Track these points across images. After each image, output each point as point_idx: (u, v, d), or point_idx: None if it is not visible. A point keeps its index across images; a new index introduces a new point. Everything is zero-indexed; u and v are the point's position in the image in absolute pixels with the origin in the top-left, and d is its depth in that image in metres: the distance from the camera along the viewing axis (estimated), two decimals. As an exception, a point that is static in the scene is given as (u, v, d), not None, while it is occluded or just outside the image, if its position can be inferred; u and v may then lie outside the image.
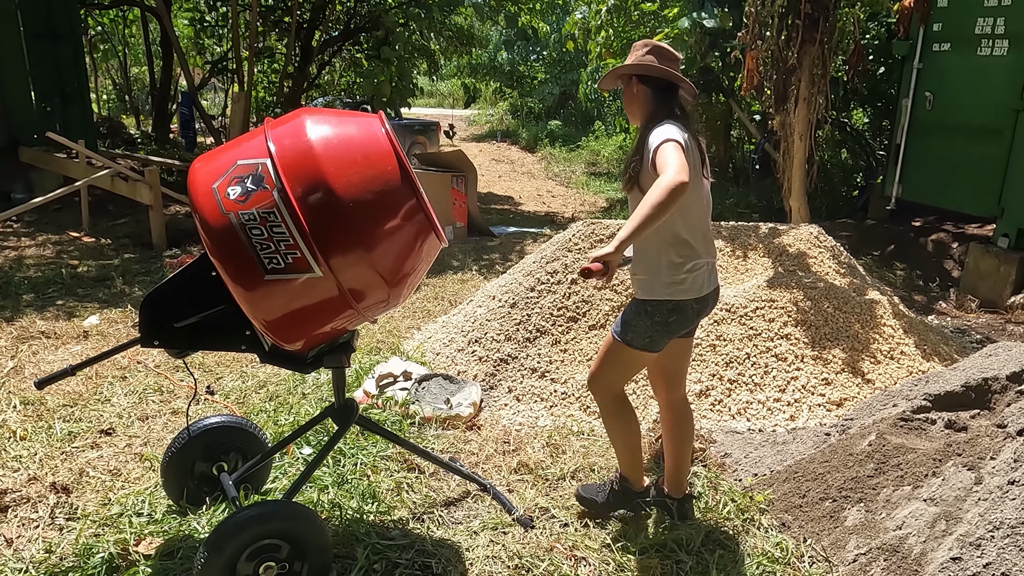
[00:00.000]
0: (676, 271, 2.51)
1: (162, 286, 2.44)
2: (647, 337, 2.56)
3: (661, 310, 2.53)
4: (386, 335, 4.99)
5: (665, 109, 2.51)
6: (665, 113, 2.50)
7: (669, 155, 2.25)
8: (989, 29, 6.17)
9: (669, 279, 2.51)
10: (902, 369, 3.98)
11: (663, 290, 2.52)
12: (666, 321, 2.54)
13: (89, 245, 7.25)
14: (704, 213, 2.61)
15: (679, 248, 2.51)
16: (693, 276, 2.53)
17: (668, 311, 2.53)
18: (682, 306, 2.54)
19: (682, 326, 2.59)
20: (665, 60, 2.54)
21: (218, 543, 2.20)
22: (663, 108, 2.52)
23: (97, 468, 3.17)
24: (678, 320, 2.56)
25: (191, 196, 2.20)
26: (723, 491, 3.05)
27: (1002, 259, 6.06)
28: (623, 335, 2.59)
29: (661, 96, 2.54)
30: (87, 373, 4.10)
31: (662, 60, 2.53)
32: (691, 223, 2.53)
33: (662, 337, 2.57)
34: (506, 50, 21.02)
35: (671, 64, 2.55)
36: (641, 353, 2.60)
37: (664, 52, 2.56)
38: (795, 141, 6.18)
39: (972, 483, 2.54)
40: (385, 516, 2.85)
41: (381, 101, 10.33)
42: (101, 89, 19.27)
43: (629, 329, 2.58)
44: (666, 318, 2.53)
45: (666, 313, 2.53)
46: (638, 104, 2.59)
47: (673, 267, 2.51)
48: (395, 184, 2.22)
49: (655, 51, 2.55)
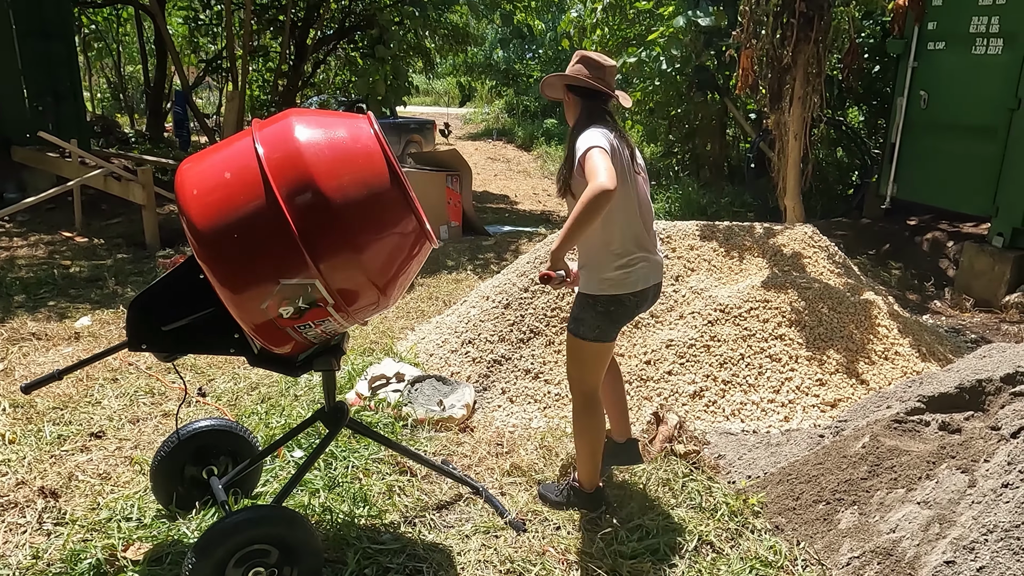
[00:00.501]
0: (611, 268, 2.64)
1: (150, 289, 2.42)
2: (596, 328, 2.70)
3: (601, 302, 2.68)
4: (379, 336, 4.97)
5: (591, 115, 2.66)
6: (591, 119, 2.64)
7: (596, 162, 2.39)
8: (984, 28, 6.17)
9: (606, 275, 2.65)
10: (897, 370, 3.97)
11: (599, 285, 2.67)
12: (608, 311, 2.68)
13: (82, 245, 7.21)
14: (635, 211, 2.68)
15: (611, 246, 2.64)
16: (628, 272, 2.66)
17: (607, 302, 2.68)
18: (620, 299, 2.68)
19: (625, 317, 2.74)
20: (592, 69, 2.68)
21: (206, 548, 2.18)
22: (590, 114, 2.66)
23: (86, 472, 3.15)
24: (619, 311, 2.70)
25: (178, 198, 2.17)
26: (717, 493, 3.03)
27: (997, 258, 6.05)
28: (575, 330, 2.74)
29: (588, 103, 2.70)
30: (78, 375, 4.07)
31: (590, 69, 2.68)
32: (623, 221, 2.64)
33: (609, 327, 2.72)
34: (502, 48, 20.97)
35: (598, 72, 2.68)
36: (596, 346, 2.73)
37: (591, 62, 2.70)
38: (790, 140, 6.16)
39: (966, 486, 2.53)
40: (376, 520, 2.83)
41: (376, 100, 10.29)
42: (95, 88, 19.21)
43: (579, 324, 2.73)
44: (607, 307, 2.68)
45: (607, 303, 2.68)
46: (571, 111, 2.75)
47: (608, 264, 2.64)
48: (384, 186, 2.20)
49: (583, 61, 2.71)
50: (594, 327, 2.70)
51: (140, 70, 16.70)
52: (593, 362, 2.79)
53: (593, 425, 2.83)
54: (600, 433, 2.85)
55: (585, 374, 2.80)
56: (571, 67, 2.73)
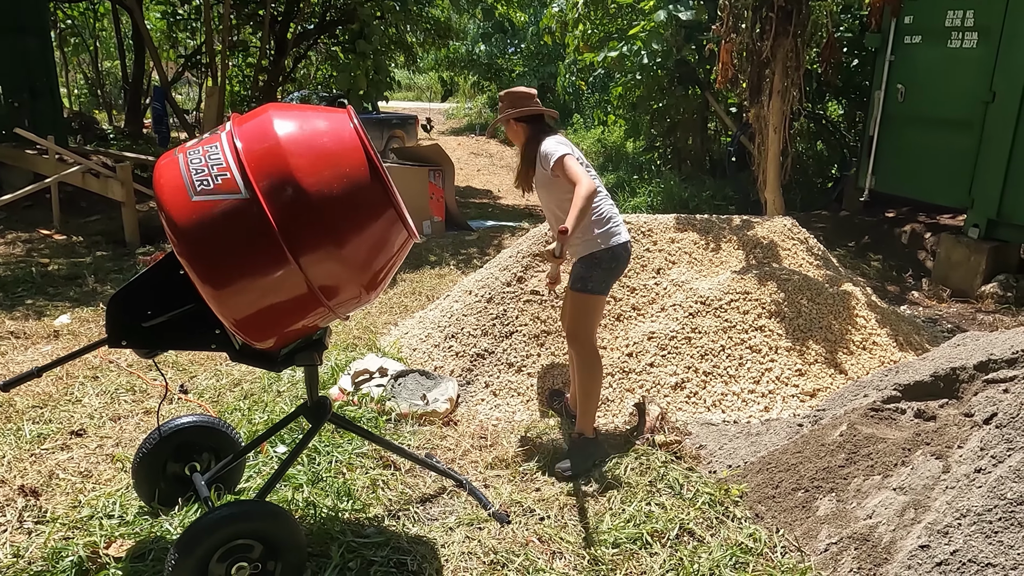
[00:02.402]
0: (602, 227, 3.19)
1: (129, 285, 2.41)
2: (603, 282, 3.22)
3: (605, 257, 3.19)
4: (363, 331, 4.96)
5: (541, 130, 3.30)
6: (542, 132, 3.28)
7: (574, 168, 3.02)
8: (959, 22, 6.25)
9: (600, 232, 3.19)
10: (874, 359, 4.03)
11: (598, 242, 3.18)
12: (611, 267, 3.21)
13: (60, 243, 7.14)
14: (602, 190, 3.31)
15: (599, 214, 3.21)
16: (615, 226, 3.23)
17: (610, 258, 3.20)
18: (614, 251, 3.20)
19: (622, 267, 3.27)
20: (522, 101, 3.31)
21: (189, 544, 2.18)
22: (540, 130, 3.30)
23: (67, 470, 3.13)
24: (616, 264, 3.23)
25: (157, 194, 2.16)
26: (697, 483, 3.07)
27: (972, 249, 6.15)
28: (583, 287, 3.20)
29: (534, 123, 3.33)
30: (57, 373, 4.04)
31: (521, 102, 3.30)
32: (600, 196, 3.26)
33: (610, 279, 3.26)
34: (484, 43, 20.92)
35: (527, 101, 3.31)
36: (600, 298, 3.25)
37: (517, 96, 3.33)
38: (770, 133, 6.21)
39: (940, 472, 2.58)
40: (360, 514, 2.84)
41: (358, 95, 10.25)
42: (72, 84, 18.97)
43: (587, 281, 3.20)
44: (610, 263, 3.20)
45: (609, 259, 3.20)
46: (519, 135, 3.35)
47: (600, 226, 3.19)
48: (365, 180, 2.20)
49: (510, 98, 3.33)
50: (600, 280, 3.19)
51: (118, 66, 16.51)
52: (597, 314, 3.29)
53: (598, 376, 3.29)
54: (600, 378, 3.33)
55: (590, 327, 3.26)
56: (504, 108, 3.34)
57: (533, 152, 3.25)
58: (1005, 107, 5.84)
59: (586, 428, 3.33)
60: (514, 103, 3.34)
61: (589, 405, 3.31)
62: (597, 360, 3.31)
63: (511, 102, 3.35)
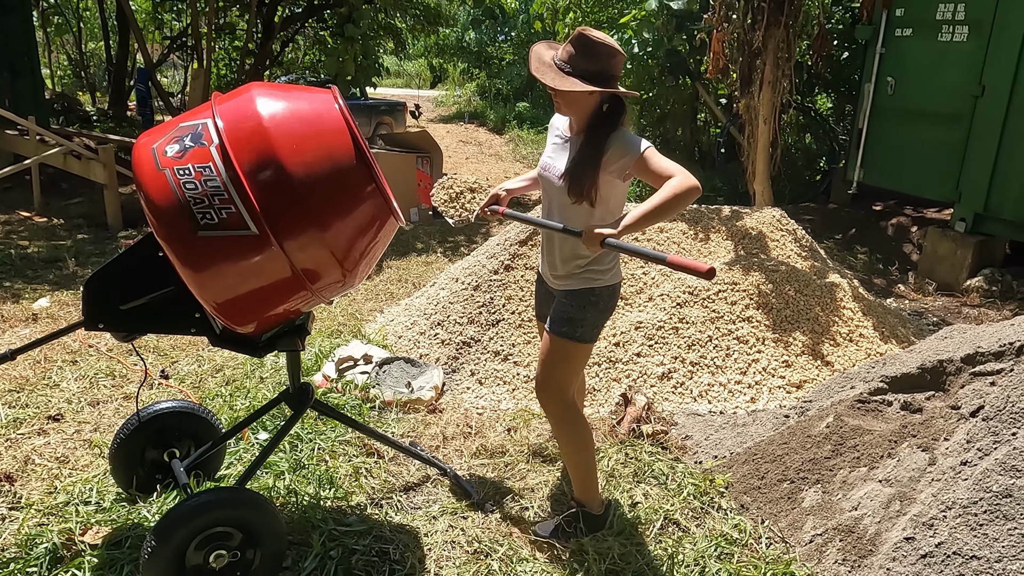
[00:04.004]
0: (609, 257, 2.52)
1: (107, 266, 2.35)
2: (596, 327, 2.55)
3: (604, 296, 2.54)
4: (348, 318, 4.91)
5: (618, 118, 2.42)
6: (618, 120, 2.42)
7: (668, 161, 2.28)
8: (950, 15, 6.23)
9: (608, 265, 2.53)
10: (861, 351, 4.03)
11: (604, 277, 2.52)
12: (608, 307, 2.57)
13: (40, 225, 7.03)
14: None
15: None
16: (616, 259, 2.59)
17: (609, 296, 2.56)
18: (616, 289, 2.59)
19: (613, 308, 2.61)
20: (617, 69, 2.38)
21: (166, 531, 2.14)
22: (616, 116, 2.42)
23: (43, 455, 3.07)
24: (614, 302, 2.60)
25: (136, 174, 2.11)
26: (683, 473, 3.05)
27: (959, 243, 6.16)
28: (571, 333, 2.49)
29: (615, 104, 2.44)
30: (35, 357, 3.97)
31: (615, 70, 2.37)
32: (614, 212, 2.49)
33: (604, 323, 2.60)
34: (474, 30, 20.77)
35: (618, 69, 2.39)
36: (589, 347, 2.58)
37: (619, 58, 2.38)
38: (759, 125, 6.20)
39: (926, 464, 2.58)
40: (342, 502, 2.81)
41: (345, 80, 10.13)
42: (56, 65, 18.68)
43: (576, 325, 2.49)
44: (608, 304, 2.56)
45: (607, 299, 2.56)
46: (586, 109, 2.40)
47: (608, 255, 2.49)
48: (349, 162, 2.15)
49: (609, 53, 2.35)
50: (595, 326, 2.53)
51: (102, 47, 16.25)
52: (579, 364, 2.61)
53: (583, 431, 2.60)
54: (590, 439, 2.63)
55: (569, 379, 2.57)
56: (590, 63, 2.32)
57: (600, 145, 2.35)
58: (994, 102, 5.84)
59: (589, 499, 2.67)
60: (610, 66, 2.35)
61: (583, 475, 2.65)
62: (577, 416, 2.61)
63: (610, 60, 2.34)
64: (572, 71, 2.35)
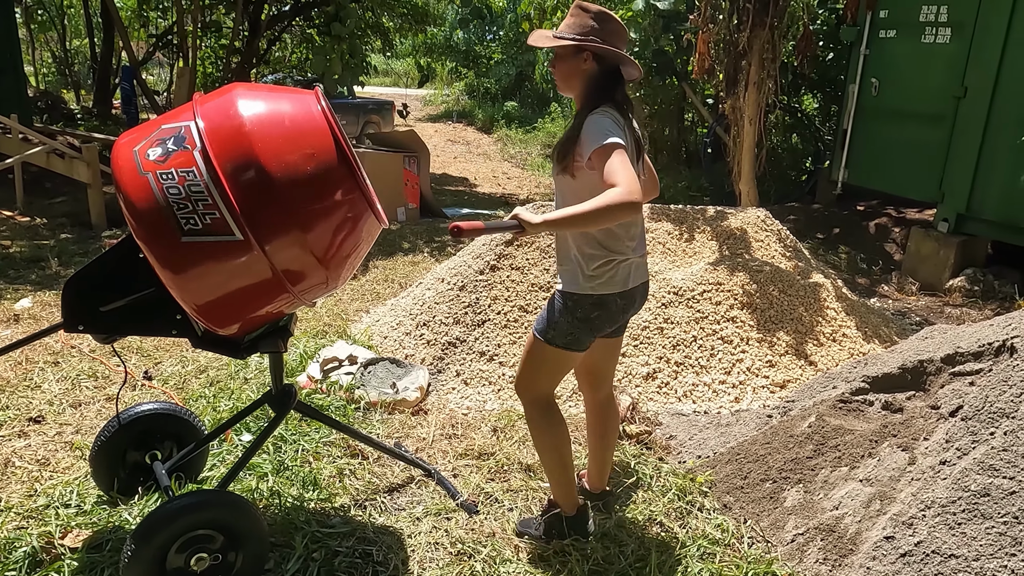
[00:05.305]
0: (599, 263, 2.33)
1: (87, 267, 2.33)
2: (568, 335, 2.36)
3: (583, 305, 2.34)
4: (333, 318, 4.90)
5: (609, 94, 2.31)
6: (607, 98, 2.30)
7: (618, 166, 2.08)
8: (933, 17, 6.29)
9: (591, 272, 2.33)
10: (844, 351, 4.06)
11: (585, 283, 2.34)
12: (588, 317, 2.35)
13: (23, 224, 6.97)
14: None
15: (602, 241, 2.32)
16: (616, 269, 2.35)
17: (591, 306, 2.34)
18: (605, 301, 2.35)
19: (606, 322, 2.40)
20: (617, 36, 2.28)
21: (146, 534, 2.13)
22: (606, 92, 2.31)
23: (24, 458, 3.04)
24: (601, 316, 2.36)
25: (115, 174, 2.09)
26: (667, 473, 3.06)
27: (942, 243, 6.22)
28: (544, 332, 2.39)
29: (608, 78, 2.31)
30: (16, 358, 3.94)
31: (614, 37, 2.27)
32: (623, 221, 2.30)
33: (585, 335, 2.39)
34: (462, 29, 20.75)
35: (622, 43, 2.30)
36: (565, 352, 2.39)
37: (616, 29, 2.27)
38: (745, 125, 6.23)
39: (906, 463, 2.60)
40: (326, 503, 2.80)
41: (332, 79, 10.10)
42: (39, 62, 18.51)
43: (551, 326, 2.38)
44: (588, 314, 2.35)
45: (588, 308, 2.34)
46: (580, 80, 2.33)
47: (592, 260, 2.33)
48: (332, 162, 2.15)
49: (603, 19, 2.26)
50: (567, 333, 2.36)
51: (87, 44, 16.12)
52: (553, 368, 2.46)
53: (555, 432, 2.48)
54: (565, 441, 2.51)
55: (540, 379, 2.47)
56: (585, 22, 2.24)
57: (581, 121, 2.26)
58: (976, 103, 5.90)
59: (562, 502, 2.58)
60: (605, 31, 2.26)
61: (556, 477, 2.55)
62: (548, 419, 2.48)
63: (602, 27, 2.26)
64: (557, 35, 2.31)
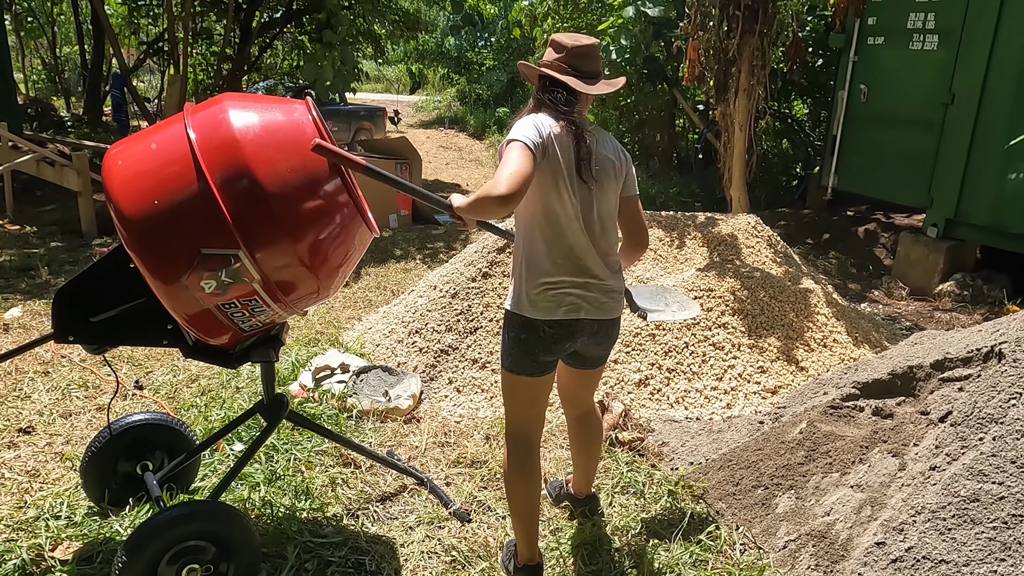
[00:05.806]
0: (531, 285, 2.25)
1: (77, 278, 2.32)
2: (509, 356, 2.31)
3: (514, 324, 2.28)
4: (325, 326, 4.89)
5: (540, 103, 2.31)
6: (539, 103, 2.31)
7: (504, 160, 2.08)
8: (920, 24, 6.34)
9: (523, 291, 2.26)
10: (834, 356, 4.08)
11: (514, 302, 2.28)
12: (518, 338, 2.27)
13: (12, 233, 6.93)
14: (573, 227, 2.25)
15: (535, 262, 2.26)
16: (547, 295, 2.24)
17: (519, 326, 2.27)
18: (534, 324, 2.25)
19: (537, 347, 2.27)
20: (556, 50, 2.33)
21: (137, 545, 2.12)
22: (538, 102, 2.32)
23: (13, 469, 3.03)
24: (530, 339, 2.26)
25: (106, 184, 2.09)
26: (659, 480, 3.07)
27: (931, 248, 6.26)
28: (501, 355, 2.38)
29: (541, 86, 2.34)
30: (5, 368, 3.91)
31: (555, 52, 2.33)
32: (550, 236, 2.24)
33: (522, 357, 2.28)
34: (453, 36, 20.78)
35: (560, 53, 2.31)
36: (514, 376, 2.32)
37: (556, 43, 2.33)
38: (735, 131, 6.26)
39: (896, 469, 2.61)
40: (318, 513, 2.79)
41: (324, 85, 10.10)
42: (29, 69, 18.44)
43: (502, 347, 2.36)
44: (518, 334, 2.27)
45: (518, 328, 2.27)
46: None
47: (529, 280, 2.25)
48: (322, 172, 2.15)
49: (552, 44, 2.35)
50: (507, 354, 2.32)
51: (77, 51, 16.07)
52: (512, 395, 2.37)
53: (519, 485, 2.37)
54: (530, 496, 2.37)
55: (508, 407, 2.41)
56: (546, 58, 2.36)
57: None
58: (964, 109, 5.94)
59: (519, 547, 2.43)
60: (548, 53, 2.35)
61: (518, 523, 2.41)
62: (521, 460, 2.36)
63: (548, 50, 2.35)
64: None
